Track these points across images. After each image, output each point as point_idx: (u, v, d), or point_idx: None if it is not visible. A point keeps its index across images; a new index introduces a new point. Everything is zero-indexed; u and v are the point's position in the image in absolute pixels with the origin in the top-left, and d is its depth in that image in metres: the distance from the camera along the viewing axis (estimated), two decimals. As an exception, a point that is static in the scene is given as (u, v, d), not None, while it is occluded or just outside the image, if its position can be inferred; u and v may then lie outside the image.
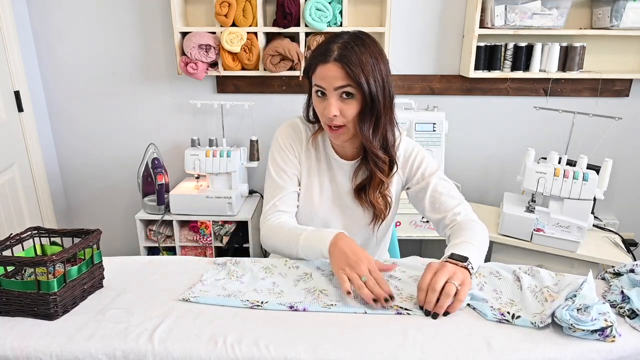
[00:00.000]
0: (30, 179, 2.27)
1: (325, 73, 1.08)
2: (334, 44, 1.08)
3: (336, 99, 1.09)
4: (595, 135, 2.15)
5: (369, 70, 1.07)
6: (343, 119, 1.11)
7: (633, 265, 1.03)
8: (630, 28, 2.02)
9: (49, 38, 2.28)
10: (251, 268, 1.11)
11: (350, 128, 1.13)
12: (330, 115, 1.09)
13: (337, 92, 1.08)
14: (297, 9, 2.05)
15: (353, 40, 1.09)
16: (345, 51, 1.07)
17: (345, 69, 1.06)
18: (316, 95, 1.13)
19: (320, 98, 1.12)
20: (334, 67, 1.07)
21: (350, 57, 1.06)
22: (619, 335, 0.85)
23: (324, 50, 1.09)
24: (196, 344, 0.84)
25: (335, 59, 1.07)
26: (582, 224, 1.76)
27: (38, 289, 0.90)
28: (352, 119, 1.11)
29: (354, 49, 1.07)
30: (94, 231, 1.02)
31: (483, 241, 1.12)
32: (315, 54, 1.11)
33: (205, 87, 2.34)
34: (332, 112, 1.09)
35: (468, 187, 2.42)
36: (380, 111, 1.11)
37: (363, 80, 1.06)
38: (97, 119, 2.42)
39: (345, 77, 1.06)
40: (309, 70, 1.13)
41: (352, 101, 1.09)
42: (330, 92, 1.09)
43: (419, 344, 0.84)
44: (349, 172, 1.26)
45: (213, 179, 2.19)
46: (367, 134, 1.12)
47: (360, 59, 1.06)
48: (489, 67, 2.17)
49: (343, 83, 1.07)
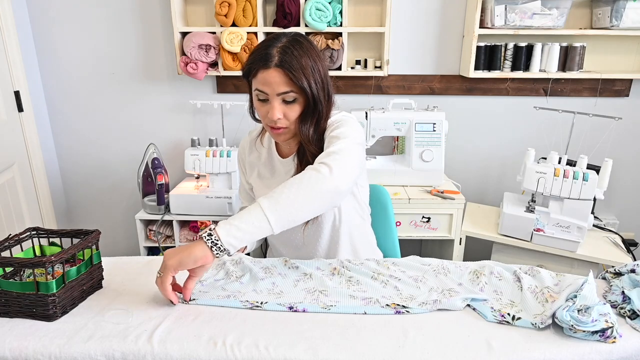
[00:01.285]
0: (30, 179, 2.27)
1: (268, 79, 1.07)
2: (273, 47, 1.07)
3: (279, 103, 1.10)
4: (595, 135, 2.15)
5: (309, 74, 1.07)
6: (286, 122, 1.12)
7: (634, 265, 1.02)
8: (630, 28, 2.02)
9: (49, 38, 2.28)
10: (250, 268, 1.11)
11: (292, 129, 1.15)
12: (274, 119, 1.10)
13: (280, 97, 1.09)
14: (297, 9, 2.05)
15: (292, 44, 1.08)
16: (286, 56, 1.06)
17: (287, 75, 1.06)
18: (257, 99, 1.13)
19: (262, 102, 1.12)
20: (276, 72, 1.06)
21: (292, 62, 1.06)
22: (620, 336, 0.85)
23: (263, 54, 1.07)
24: (195, 344, 0.84)
25: (277, 65, 1.06)
26: (582, 224, 1.76)
27: (37, 290, 0.90)
28: (294, 121, 1.13)
29: (294, 53, 1.06)
30: (93, 232, 1.02)
31: (280, 194, 0.95)
32: (254, 59, 1.09)
33: (205, 87, 2.34)
34: (276, 115, 1.10)
35: (468, 187, 2.42)
36: (322, 111, 1.13)
37: (305, 84, 1.07)
38: (97, 119, 2.42)
39: (288, 82, 1.07)
40: (249, 73, 1.11)
41: (294, 105, 1.11)
42: (273, 97, 1.09)
43: (419, 345, 0.84)
44: (292, 168, 1.24)
45: (213, 179, 2.19)
46: (307, 134, 1.13)
47: (300, 63, 1.06)
48: (489, 67, 2.17)
49: (286, 89, 1.08)
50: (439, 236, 2.05)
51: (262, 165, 1.32)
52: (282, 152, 1.28)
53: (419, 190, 2.06)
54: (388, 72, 2.21)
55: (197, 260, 0.91)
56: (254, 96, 1.14)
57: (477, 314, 0.94)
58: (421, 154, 2.07)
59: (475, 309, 0.95)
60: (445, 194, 2.01)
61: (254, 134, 1.35)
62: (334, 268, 1.11)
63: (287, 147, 1.27)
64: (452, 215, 1.99)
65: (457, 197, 1.99)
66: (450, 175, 2.32)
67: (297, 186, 0.96)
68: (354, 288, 1.03)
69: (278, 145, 1.29)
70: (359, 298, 0.99)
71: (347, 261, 1.13)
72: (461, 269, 1.09)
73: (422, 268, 1.10)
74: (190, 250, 0.92)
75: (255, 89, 1.11)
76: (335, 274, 1.09)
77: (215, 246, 0.91)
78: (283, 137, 1.17)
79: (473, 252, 2.08)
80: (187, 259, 0.91)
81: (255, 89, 1.11)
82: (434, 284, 1.05)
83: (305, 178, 0.98)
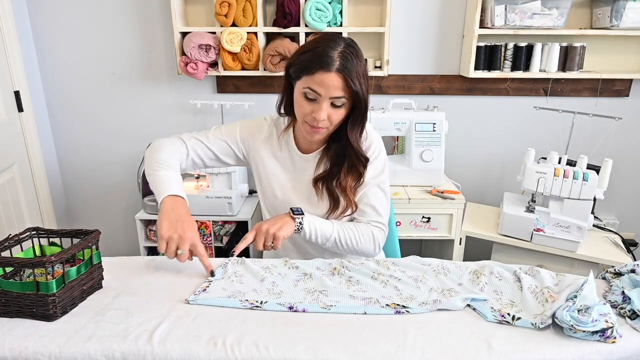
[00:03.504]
0: (30, 179, 2.27)
1: (326, 81, 1.09)
2: (334, 51, 1.09)
3: (327, 105, 1.12)
4: (595, 135, 2.15)
5: (363, 82, 1.12)
6: (328, 123, 1.15)
7: (634, 266, 1.02)
8: (630, 28, 2.02)
9: (49, 38, 2.28)
10: (251, 268, 1.11)
11: (330, 130, 1.18)
12: (320, 119, 1.12)
13: (331, 100, 1.12)
14: (297, 9, 2.05)
15: (349, 50, 1.11)
16: (347, 63, 1.09)
17: (347, 81, 1.09)
18: (304, 96, 1.14)
19: (309, 100, 1.13)
20: (337, 77, 1.09)
21: (351, 70, 1.10)
22: (620, 336, 0.85)
23: (325, 57, 1.09)
24: (195, 344, 0.84)
25: (338, 70, 1.09)
26: (582, 224, 1.76)
27: (37, 290, 0.90)
28: (336, 123, 1.16)
29: (353, 61, 1.10)
30: (93, 232, 1.02)
31: (349, 231, 1.24)
32: (313, 57, 1.10)
33: (205, 87, 2.34)
34: (322, 117, 1.12)
35: (468, 187, 2.42)
36: (366, 116, 1.18)
37: (360, 90, 1.11)
38: (97, 119, 2.42)
39: (345, 88, 1.11)
40: (304, 70, 1.12)
41: (340, 109, 1.14)
42: (324, 99, 1.11)
43: (419, 345, 0.84)
44: (312, 164, 1.29)
45: (213, 179, 2.19)
46: (355, 138, 1.19)
47: (357, 71, 1.11)
48: (489, 67, 2.17)
49: (341, 94, 1.11)
50: (439, 236, 2.05)
51: (283, 157, 1.32)
52: (302, 147, 1.30)
53: (419, 190, 2.06)
54: (388, 72, 2.21)
55: (289, 231, 1.18)
56: (298, 93, 1.15)
57: (477, 314, 0.94)
58: (421, 154, 2.07)
59: (475, 309, 0.95)
60: (445, 194, 2.01)
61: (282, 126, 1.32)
62: (334, 268, 1.11)
63: (306, 144, 1.28)
64: (452, 215, 1.99)
65: (457, 197, 1.99)
66: (450, 175, 2.32)
67: (357, 235, 1.24)
68: (354, 288, 1.03)
69: (297, 141, 1.30)
70: (359, 298, 0.99)
71: (347, 261, 1.13)
72: (461, 269, 1.09)
73: (422, 268, 1.10)
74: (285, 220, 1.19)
75: (307, 87, 1.12)
76: (335, 274, 1.09)
77: (300, 225, 1.20)
78: (318, 136, 1.20)
79: (473, 252, 2.08)
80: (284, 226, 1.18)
81: (306, 87, 1.12)
82: (434, 284, 1.05)
83: (365, 236, 1.25)
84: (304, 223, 1.20)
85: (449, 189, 2.08)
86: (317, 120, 1.13)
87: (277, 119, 1.34)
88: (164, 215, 1.09)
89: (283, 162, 1.31)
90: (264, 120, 1.34)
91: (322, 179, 1.26)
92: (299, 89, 1.14)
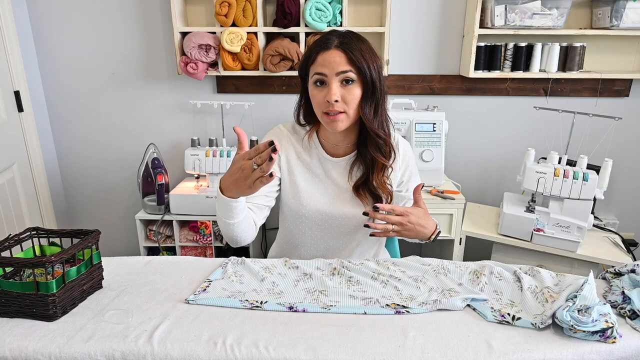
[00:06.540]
0: (30, 179, 2.27)
1: (327, 59, 1.11)
2: (332, 36, 1.15)
3: (337, 85, 1.12)
4: (595, 135, 2.15)
5: (368, 57, 1.13)
6: (344, 105, 1.13)
7: (634, 266, 1.02)
8: (630, 28, 2.02)
9: (49, 38, 2.28)
10: (251, 268, 1.11)
11: (349, 114, 1.15)
12: (332, 99, 1.11)
13: (339, 77, 1.12)
14: (297, 9, 2.05)
15: (349, 33, 1.16)
16: (345, 39, 1.13)
17: (347, 54, 1.11)
18: (315, 86, 1.15)
19: (320, 88, 1.14)
20: (336, 52, 1.11)
21: (351, 45, 1.12)
22: (620, 336, 0.85)
23: (324, 40, 1.14)
24: (195, 345, 0.84)
25: (336, 46, 1.12)
26: (582, 224, 1.76)
27: (37, 290, 0.90)
28: (352, 105, 1.14)
29: (353, 40, 1.14)
30: (93, 232, 1.02)
31: None
32: (314, 47, 1.16)
33: (205, 87, 2.34)
34: (334, 96, 1.11)
35: (468, 187, 2.42)
36: (379, 97, 1.16)
37: (364, 65, 1.11)
38: (97, 119, 2.42)
39: (348, 62, 1.11)
40: (309, 61, 1.15)
41: (353, 87, 1.13)
42: (331, 78, 1.12)
43: (419, 345, 0.84)
44: (345, 168, 1.27)
45: (213, 179, 2.19)
46: (369, 116, 1.16)
47: (359, 47, 1.13)
48: (489, 67, 2.17)
49: (345, 68, 1.11)
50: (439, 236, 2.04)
51: (315, 165, 1.29)
52: (330, 152, 1.28)
53: (419, 190, 2.06)
54: (388, 72, 2.21)
55: (427, 233, 1.23)
56: (311, 86, 1.16)
57: (477, 314, 0.94)
58: (421, 154, 2.07)
59: (475, 309, 0.95)
60: (445, 194, 2.01)
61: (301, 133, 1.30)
62: (334, 268, 1.11)
63: (333, 147, 1.26)
64: (452, 215, 1.99)
65: (457, 197, 1.99)
66: (450, 175, 2.32)
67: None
68: (354, 288, 1.03)
69: (325, 146, 1.28)
70: (359, 298, 0.99)
71: (347, 261, 1.13)
72: (461, 269, 1.09)
73: (422, 268, 1.10)
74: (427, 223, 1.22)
75: (314, 74, 1.13)
76: (335, 274, 1.09)
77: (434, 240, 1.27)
78: (340, 124, 1.15)
79: (473, 252, 2.08)
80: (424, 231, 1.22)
81: (313, 75, 1.14)
82: (434, 284, 1.05)
83: None
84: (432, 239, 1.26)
85: (449, 189, 2.08)
86: (331, 104, 1.11)
87: (293, 125, 1.31)
88: (223, 179, 1.12)
89: (321, 169, 1.29)
90: (280, 131, 1.31)
91: (362, 184, 1.25)
92: (310, 83, 1.16)
